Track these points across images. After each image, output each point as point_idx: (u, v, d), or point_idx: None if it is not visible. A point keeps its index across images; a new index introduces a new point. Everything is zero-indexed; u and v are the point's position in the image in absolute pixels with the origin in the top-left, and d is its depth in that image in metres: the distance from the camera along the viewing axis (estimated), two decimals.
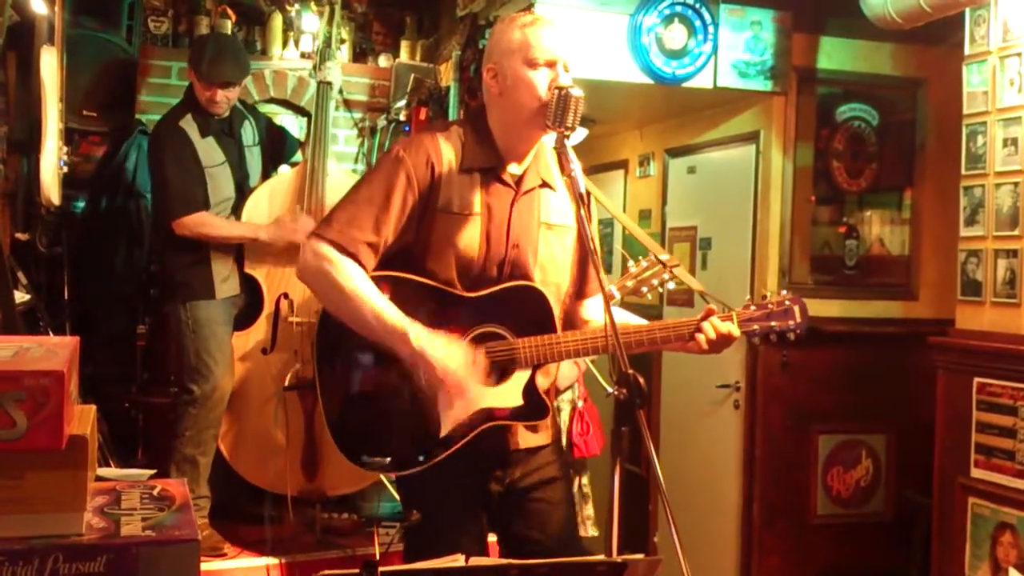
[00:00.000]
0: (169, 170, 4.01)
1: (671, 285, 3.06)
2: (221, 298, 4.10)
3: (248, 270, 4.16)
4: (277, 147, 4.56)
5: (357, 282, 2.23)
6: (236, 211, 4.17)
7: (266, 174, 4.40)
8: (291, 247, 3.91)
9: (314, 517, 4.22)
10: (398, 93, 5.22)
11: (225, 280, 4.10)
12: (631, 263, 3.04)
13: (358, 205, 2.29)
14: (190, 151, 4.04)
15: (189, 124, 4.08)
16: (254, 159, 4.30)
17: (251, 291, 4.21)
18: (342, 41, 4.66)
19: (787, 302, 2.41)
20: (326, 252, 2.25)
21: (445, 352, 2.21)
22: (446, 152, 2.32)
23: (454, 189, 2.30)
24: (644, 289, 3.02)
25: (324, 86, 4.44)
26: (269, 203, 4.19)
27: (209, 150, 4.10)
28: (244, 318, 4.22)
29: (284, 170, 4.59)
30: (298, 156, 4.62)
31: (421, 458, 2.31)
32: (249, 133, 4.30)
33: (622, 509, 1.94)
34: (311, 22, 5.62)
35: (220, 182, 4.11)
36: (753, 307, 2.41)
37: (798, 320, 2.40)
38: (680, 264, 2.59)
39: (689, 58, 4.22)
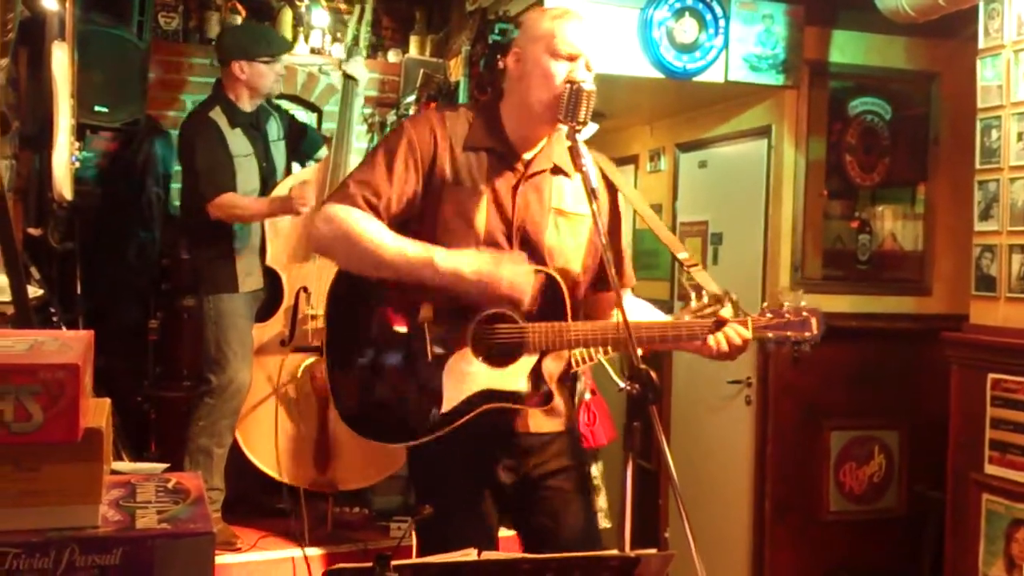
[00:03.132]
0: (200, 156, 4.13)
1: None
2: (244, 291, 4.19)
3: (269, 264, 4.24)
4: (300, 143, 4.66)
5: (371, 229, 2.25)
6: None
7: (290, 169, 4.50)
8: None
9: (326, 511, 4.24)
10: (407, 88, 5.22)
11: (249, 274, 4.21)
12: (693, 296, 2.97)
13: (362, 170, 2.34)
14: (220, 140, 4.17)
15: (219, 115, 4.21)
16: (279, 153, 4.42)
17: (271, 285, 4.29)
18: (356, 37, 4.73)
19: (804, 312, 2.38)
20: (334, 212, 2.27)
21: (473, 258, 2.22)
22: (451, 127, 2.35)
23: (460, 165, 2.33)
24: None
25: (350, 81, 4.56)
26: None
27: (237, 141, 4.22)
28: (264, 311, 4.30)
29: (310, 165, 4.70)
30: (322, 152, 4.67)
31: (420, 434, 2.31)
32: (274, 128, 4.43)
33: (634, 504, 1.94)
34: (321, 18, 5.63)
35: (247, 172, 4.22)
36: (769, 314, 2.39)
37: (814, 331, 2.38)
38: (698, 264, 2.56)
39: (700, 52, 4.20)
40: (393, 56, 5.76)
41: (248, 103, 4.30)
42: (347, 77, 4.57)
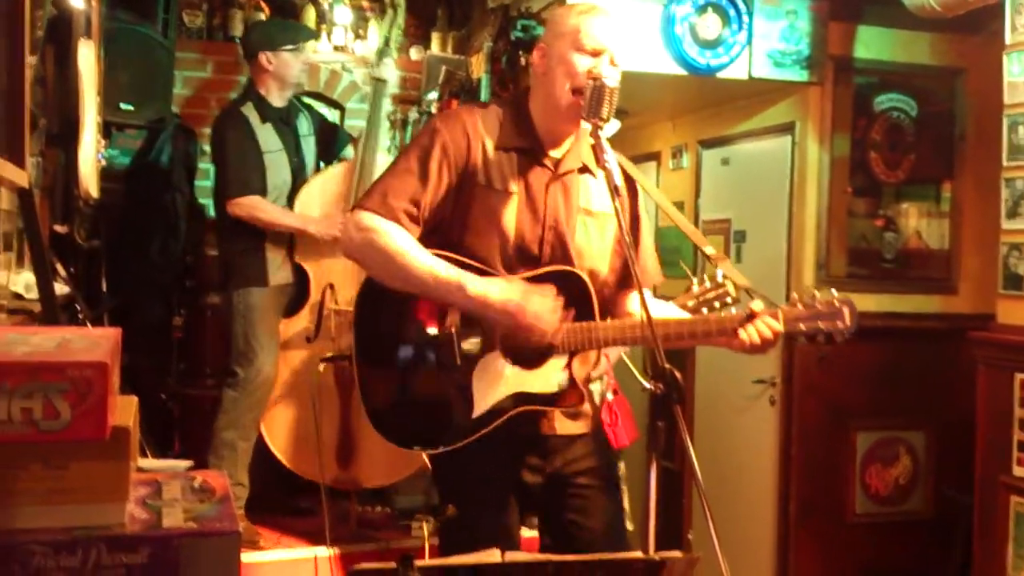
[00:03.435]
0: (230, 152, 4.19)
1: (734, 310, 2.93)
2: (273, 285, 4.23)
3: (298, 259, 4.28)
4: (329, 141, 4.71)
5: (404, 244, 2.24)
6: (290, 198, 4.31)
7: (318, 166, 4.55)
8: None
9: (349, 510, 4.24)
10: (429, 85, 5.22)
11: (278, 268, 4.25)
12: (694, 282, 2.95)
13: (396, 176, 2.31)
14: (250, 135, 4.22)
15: (250, 111, 4.27)
16: (309, 149, 4.48)
17: (299, 280, 4.32)
18: (388, 39, 4.80)
19: (836, 303, 2.34)
20: (368, 222, 2.26)
21: (504, 289, 2.22)
22: (483, 128, 2.33)
23: (492, 166, 2.31)
24: (705, 311, 2.90)
25: (379, 83, 4.62)
26: (320, 195, 4.34)
27: (268, 136, 4.27)
28: (290, 306, 4.34)
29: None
30: (348, 151, 4.70)
31: (452, 440, 2.30)
32: (304, 125, 4.50)
33: (658, 505, 1.93)
34: (344, 15, 5.64)
35: (277, 167, 4.27)
36: (800, 306, 2.35)
37: (848, 323, 2.33)
38: (727, 259, 2.54)
39: (723, 48, 4.18)
40: (415, 53, 5.75)
41: (278, 96, 4.35)
42: (376, 80, 4.62)
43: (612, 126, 2.74)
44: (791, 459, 4.46)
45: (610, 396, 3.90)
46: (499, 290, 2.22)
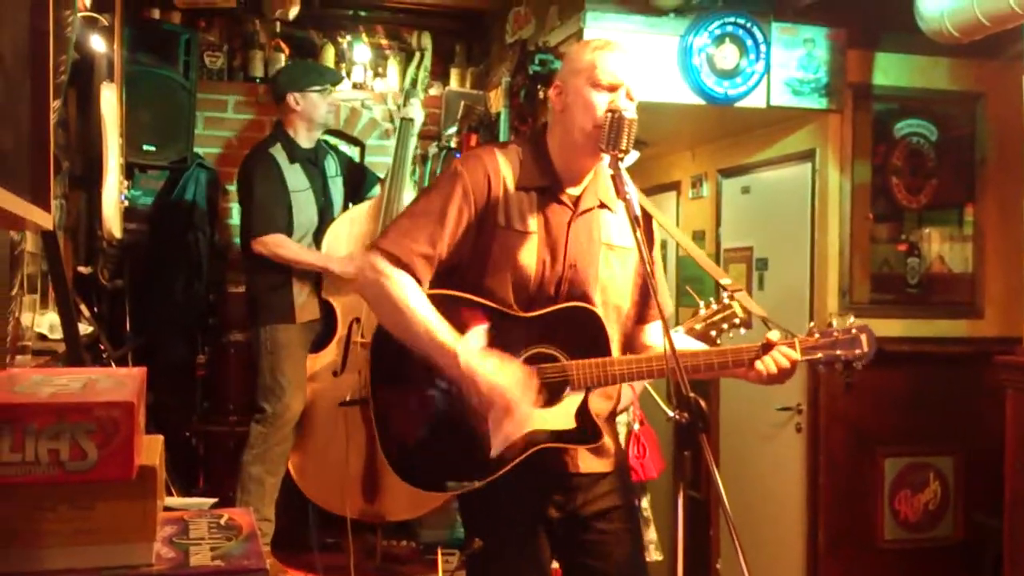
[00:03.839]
0: (257, 190, 4.27)
1: (743, 331, 2.93)
2: (300, 322, 4.27)
3: (325, 295, 4.33)
4: (357, 182, 4.82)
5: (411, 297, 2.23)
6: (317, 237, 4.38)
7: (346, 206, 4.63)
8: None
9: (374, 544, 4.23)
10: (448, 120, 5.25)
11: (304, 305, 4.31)
12: (701, 305, 2.94)
13: (415, 218, 2.31)
14: (278, 175, 4.31)
15: (278, 152, 4.37)
16: (337, 189, 4.57)
17: (326, 315, 4.37)
18: (415, 81, 4.91)
19: (854, 330, 2.33)
20: (382, 266, 2.26)
21: (495, 371, 2.18)
22: (504, 168, 2.33)
23: (512, 206, 2.31)
24: (713, 333, 2.90)
25: (406, 123, 4.74)
26: (348, 233, 4.42)
27: (295, 176, 4.36)
28: (318, 341, 4.39)
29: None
30: (375, 191, 4.76)
31: (470, 480, 2.29)
32: (332, 166, 4.60)
33: (685, 535, 1.91)
34: (363, 53, 5.69)
35: (304, 206, 4.35)
36: (817, 335, 2.34)
37: (865, 349, 2.32)
38: (742, 289, 2.53)
39: (741, 77, 4.19)
40: (434, 89, 5.80)
41: (306, 138, 4.43)
42: (404, 119, 4.69)
43: (631, 157, 2.74)
44: (819, 487, 4.42)
45: (636, 427, 3.88)
46: (488, 376, 2.17)
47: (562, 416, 2.29)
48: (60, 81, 2.39)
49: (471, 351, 2.18)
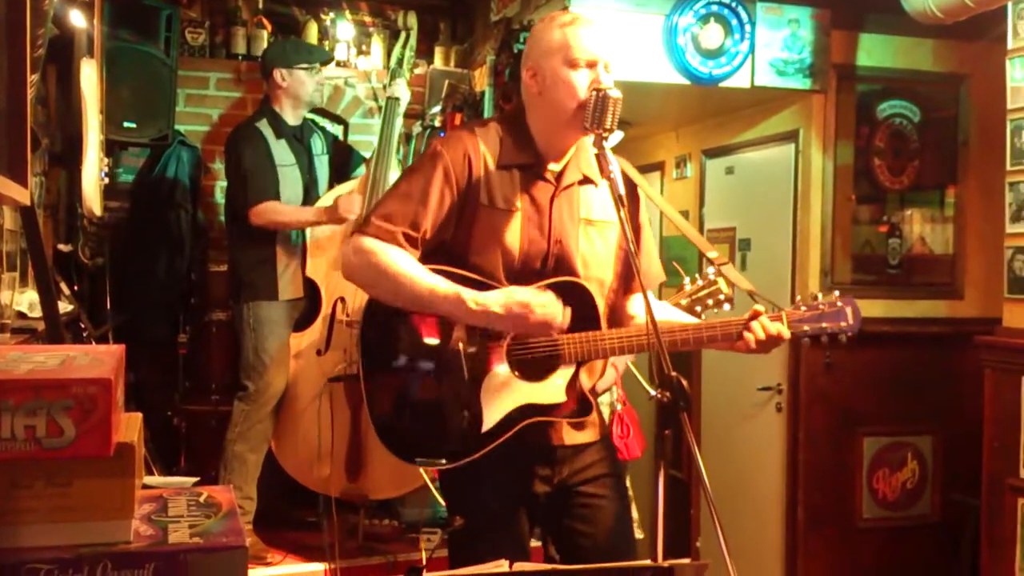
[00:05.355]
0: (246, 163, 4.25)
1: (727, 307, 2.95)
2: (283, 300, 4.27)
3: (309, 274, 4.31)
4: (343, 162, 4.81)
5: (403, 264, 2.25)
6: None
7: (331, 184, 4.61)
8: None
9: (357, 523, 4.23)
10: (433, 99, 5.23)
11: (289, 283, 4.29)
12: (686, 280, 2.95)
13: (396, 200, 2.31)
14: (265, 149, 4.31)
15: (265, 127, 4.36)
16: (322, 167, 4.56)
17: (310, 294, 4.35)
18: (401, 60, 4.88)
19: (839, 303, 2.36)
20: (367, 245, 2.27)
21: (504, 293, 2.23)
22: (484, 148, 2.32)
23: (494, 185, 2.31)
24: (699, 308, 2.92)
25: (392, 101, 4.70)
26: None
27: (282, 151, 4.35)
28: (302, 320, 4.36)
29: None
30: (360, 170, 4.75)
31: (462, 454, 2.30)
32: (319, 143, 4.59)
33: (666, 513, 1.92)
34: (346, 31, 5.65)
35: (290, 182, 4.34)
36: (804, 307, 2.36)
37: (850, 321, 2.35)
38: (728, 262, 2.54)
39: (726, 57, 4.18)
40: (419, 68, 5.77)
41: (292, 114, 4.43)
42: (390, 98, 4.67)
43: (615, 137, 2.75)
44: (798, 465, 4.45)
45: (619, 407, 3.90)
46: (499, 297, 2.22)
47: (553, 390, 2.30)
48: (38, 55, 2.37)
49: (473, 292, 2.23)
